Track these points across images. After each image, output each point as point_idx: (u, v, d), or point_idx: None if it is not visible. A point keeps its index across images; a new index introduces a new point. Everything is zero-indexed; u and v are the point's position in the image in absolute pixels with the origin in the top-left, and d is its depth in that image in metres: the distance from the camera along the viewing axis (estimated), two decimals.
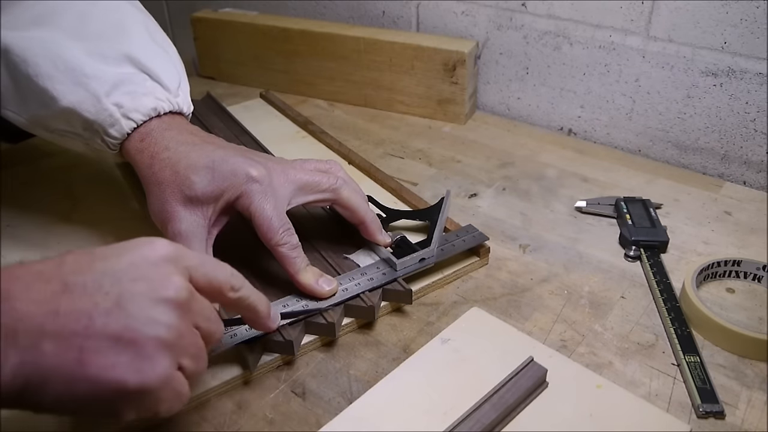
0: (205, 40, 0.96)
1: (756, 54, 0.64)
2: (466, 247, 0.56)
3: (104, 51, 0.51)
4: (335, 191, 0.52)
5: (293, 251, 0.48)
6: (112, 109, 0.50)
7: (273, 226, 0.48)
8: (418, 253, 0.52)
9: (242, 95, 0.91)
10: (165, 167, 0.49)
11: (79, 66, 0.50)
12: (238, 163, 0.49)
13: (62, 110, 0.50)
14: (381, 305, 0.51)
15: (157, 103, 0.52)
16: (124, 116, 0.50)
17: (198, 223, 0.48)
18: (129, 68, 0.52)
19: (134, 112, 0.50)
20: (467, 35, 0.84)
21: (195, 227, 0.48)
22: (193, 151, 0.49)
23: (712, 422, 0.42)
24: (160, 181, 0.49)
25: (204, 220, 0.48)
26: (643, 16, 0.70)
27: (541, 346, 0.46)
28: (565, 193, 0.67)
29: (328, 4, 0.95)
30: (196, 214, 0.48)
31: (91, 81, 0.50)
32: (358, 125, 0.83)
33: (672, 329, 0.48)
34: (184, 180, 0.48)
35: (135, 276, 0.34)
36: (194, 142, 0.50)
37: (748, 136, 0.68)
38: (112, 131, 0.51)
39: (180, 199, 0.48)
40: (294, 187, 0.50)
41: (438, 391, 0.42)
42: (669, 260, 0.57)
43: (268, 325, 0.44)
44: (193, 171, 0.48)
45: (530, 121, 0.84)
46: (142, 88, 0.51)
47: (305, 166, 0.53)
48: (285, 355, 0.46)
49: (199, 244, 0.48)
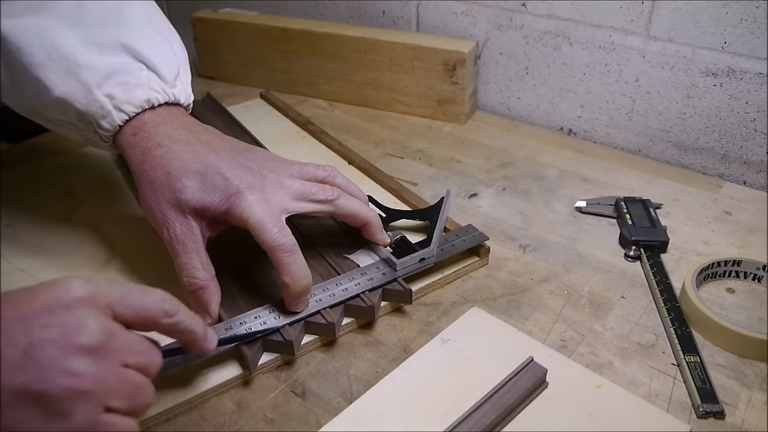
0: (205, 40, 0.96)
1: (756, 54, 0.64)
2: (466, 247, 0.56)
3: (100, 39, 0.50)
4: (332, 203, 0.51)
5: (289, 255, 0.46)
6: (104, 100, 0.49)
7: (266, 228, 0.46)
8: (418, 253, 0.52)
9: (242, 95, 0.91)
10: (157, 166, 0.48)
11: (72, 55, 0.49)
12: (231, 174, 0.48)
13: (55, 100, 0.49)
14: (381, 305, 0.51)
15: (151, 95, 0.50)
16: (116, 108, 0.49)
17: (191, 227, 0.47)
18: (124, 57, 0.51)
19: (126, 104, 0.49)
20: (467, 35, 0.84)
21: (189, 231, 0.47)
22: (187, 151, 0.48)
23: (712, 422, 0.42)
24: (152, 180, 0.48)
25: (197, 224, 0.47)
26: (643, 16, 0.70)
27: (541, 346, 0.46)
28: (565, 193, 0.67)
29: (328, 4, 0.95)
30: (188, 218, 0.47)
31: (83, 71, 0.49)
32: (358, 125, 0.83)
33: (672, 329, 0.48)
34: (176, 183, 0.47)
35: (46, 322, 0.32)
36: (188, 141, 0.49)
37: (748, 136, 0.68)
38: (103, 123, 0.50)
39: (171, 201, 0.47)
40: (289, 198, 0.49)
41: (438, 391, 0.42)
42: (669, 260, 0.57)
43: (205, 347, 0.41)
44: (184, 174, 0.47)
45: (530, 121, 0.84)
46: (136, 79, 0.50)
47: (303, 173, 0.52)
48: (285, 355, 0.47)
49: (194, 248, 0.47)
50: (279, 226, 0.46)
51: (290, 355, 0.46)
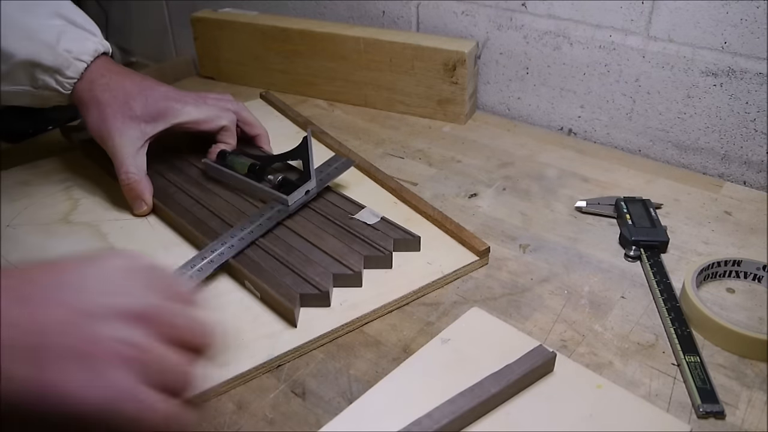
0: (205, 40, 0.96)
1: (756, 54, 0.64)
2: (339, 173, 0.65)
3: (36, 9, 0.60)
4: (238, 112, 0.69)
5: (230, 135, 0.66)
6: (65, 54, 0.60)
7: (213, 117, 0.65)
8: (302, 186, 0.60)
9: (242, 95, 0.91)
10: (104, 90, 0.61)
11: (25, 22, 0.58)
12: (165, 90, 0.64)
13: (19, 64, 0.58)
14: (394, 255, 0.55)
15: (97, 46, 0.62)
16: (76, 59, 0.60)
17: (134, 137, 0.61)
18: (61, 21, 0.61)
19: (83, 54, 0.61)
20: (467, 35, 0.84)
21: (131, 140, 0.61)
22: (127, 79, 0.62)
23: (712, 422, 0.42)
24: (99, 102, 0.60)
25: (140, 135, 0.61)
26: (643, 16, 0.70)
27: None
28: (565, 193, 0.67)
29: (328, 4, 0.95)
30: (133, 129, 0.61)
31: (39, 33, 0.59)
32: (358, 125, 0.83)
33: (672, 329, 0.48)
34: (123, 104, 0.60)
35: (99, 289, 0.33)
36: (124, 73, 0.63)
37: (748, 136, 0.68)
38: (68, 72, 0.60)
39: (119, 117, 0.60)
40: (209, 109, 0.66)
41: (438, 391, 0.42)
42: (669, 260, 0.57)
43: None
44: (130, 97, 0.61)
45: (530, 121, 0.84)
46: (80, 35, 0.61)
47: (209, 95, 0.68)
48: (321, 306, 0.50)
49: (134, 151, 0.61)
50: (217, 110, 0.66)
51: (327, 306, 0.51)
